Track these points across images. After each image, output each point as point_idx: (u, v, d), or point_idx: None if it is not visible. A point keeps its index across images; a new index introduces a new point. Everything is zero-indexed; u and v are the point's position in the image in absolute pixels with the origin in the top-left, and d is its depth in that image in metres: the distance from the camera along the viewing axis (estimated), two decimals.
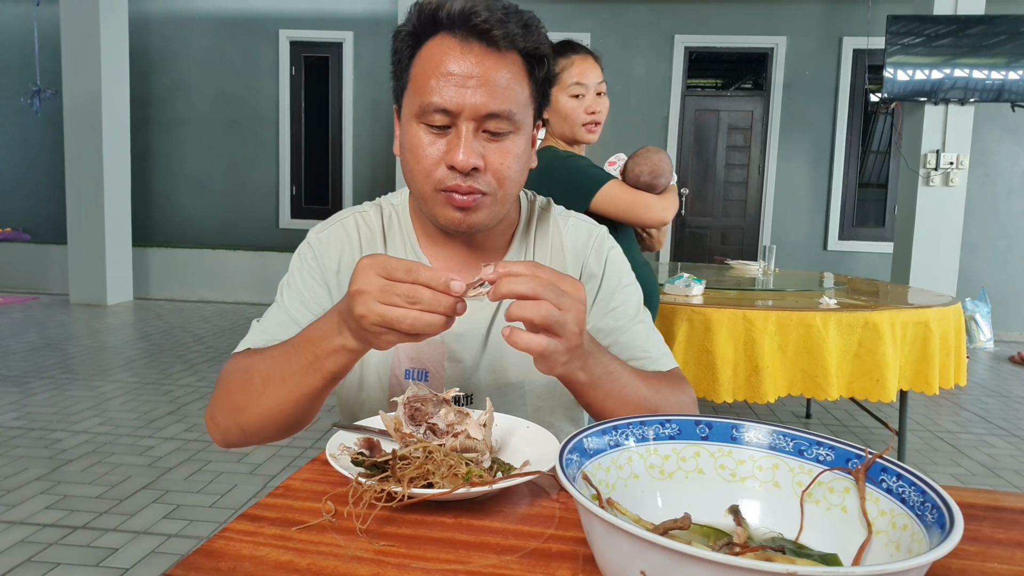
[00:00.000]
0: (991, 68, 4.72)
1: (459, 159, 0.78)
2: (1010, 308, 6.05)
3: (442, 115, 0.79)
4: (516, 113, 0.81)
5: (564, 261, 0.97)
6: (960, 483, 2.82)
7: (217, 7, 6.97)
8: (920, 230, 4.95)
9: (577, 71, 1.76)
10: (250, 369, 0.79)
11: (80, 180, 5.90)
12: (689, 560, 0.37)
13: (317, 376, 0.72)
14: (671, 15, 6.38)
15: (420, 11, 0.81)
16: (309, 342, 0.72)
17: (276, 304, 0.92)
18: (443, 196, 0.82)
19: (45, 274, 6.62)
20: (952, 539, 0.40)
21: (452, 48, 0.79)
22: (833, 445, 0.53)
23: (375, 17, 6.79)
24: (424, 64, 0.80)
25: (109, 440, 2.91)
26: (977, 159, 5.84)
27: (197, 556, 0.53)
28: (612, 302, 0.96)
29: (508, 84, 0.79)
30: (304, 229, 7.14)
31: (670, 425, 0.57)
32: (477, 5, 0.78)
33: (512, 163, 0.82)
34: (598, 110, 1.78)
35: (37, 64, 6.57)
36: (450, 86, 0.78)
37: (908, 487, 0.48)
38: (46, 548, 2.03)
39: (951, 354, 2.47)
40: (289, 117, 7.05)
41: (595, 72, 1.77)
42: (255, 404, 0.77)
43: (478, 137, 0.80)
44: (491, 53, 0.79)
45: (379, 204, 0.98)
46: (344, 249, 0.93)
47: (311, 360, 0.72)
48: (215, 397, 0.83)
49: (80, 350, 4.44)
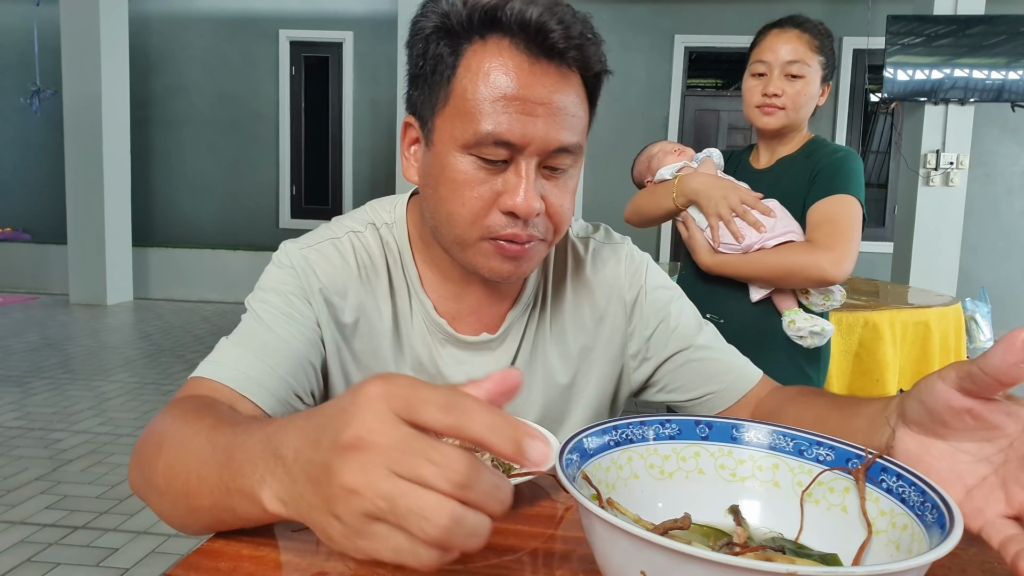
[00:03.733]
0: (991, 68, 4.72)
1: (521, 204, 0.65)
2: (1010, 308, 6.05)
3: (503, 148, 0.64)
4: (582, 144, 0.69)
5: (593, 298, 0.84)
6: None
7: (217, 7, 6.97)
8: (920, 230, 4.95)
9: (765, 47, 1.46)
10: (162, 449, 0.56)
11: (80, 180, 5.90)
12: (689, 560, 0.37)
13: (232, 517, 0.49)
14: (671, 15, 6.38)
15: (469, 6, 0.64)
16: (227, 464, 0.47)
17: (253, 320, 0.73)
18: (491, 245, 0.68)
19: (45, 274, 6.62)
20: (952, 539, 0.40)
21: (517, 63, 0.64)
22: (833, 445, 0.53)
23: (375, 17, 6.79)
24: (476, 79, 0.64)
25: (109, 440, 2.91)
26: (977, 159, 5.84)
27: (197, 556, 0.52)
28: (670, 323, 0.84)
29: (575, 111, 0.67)
30: (304, 229, 7.07)
31: (670, 425, 0.57)
32: (552, 16, 0.63)
33: (570, 203, 0.71)
34: (781, 92, 1.43)
35: (37, 64, 6.57)
36: (515, 113, 0.63)
37: (908, 487, 0.47)
38: (46, 548, 2.03)
39: (951, 354, 2.47)
40: (289, 117, 7.05)
41: (789, 47, 1.42)
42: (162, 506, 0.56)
43: (538, 174, 0.67)
44: (559, 73, 0.65)
45: (372, 223, 0.80)
46: (335, 275, 0.76)
47: (223, 494, 0.47)
48: (136, 449, 0.62)
49: (80, 350, 4.44)
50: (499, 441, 0.35)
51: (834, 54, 1.49)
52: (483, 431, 0.35)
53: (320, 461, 0.37)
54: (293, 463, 0.40)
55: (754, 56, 1.48)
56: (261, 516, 0.45)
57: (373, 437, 0.35)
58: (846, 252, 1.34)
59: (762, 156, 1.56)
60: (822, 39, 1.46)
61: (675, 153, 1.59)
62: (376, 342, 0.78)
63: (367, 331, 0.78)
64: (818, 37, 1.45)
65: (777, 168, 1.51)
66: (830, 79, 1.50)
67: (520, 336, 0.82)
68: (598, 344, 0.84)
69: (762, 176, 1.52)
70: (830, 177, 1.40)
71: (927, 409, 0.48)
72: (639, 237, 6.60)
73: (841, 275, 1.35)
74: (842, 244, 1.34)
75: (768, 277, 1.40)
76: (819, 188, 1.40)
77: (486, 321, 0.81)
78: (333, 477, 0.35)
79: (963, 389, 0.46)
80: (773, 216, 1.40)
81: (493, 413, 0.35)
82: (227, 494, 0.46)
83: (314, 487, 0.37)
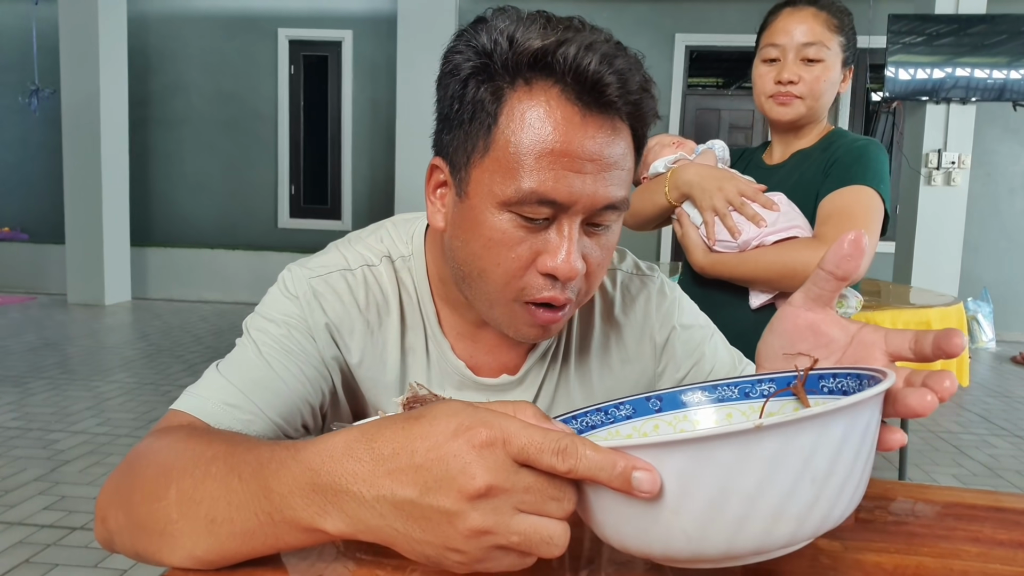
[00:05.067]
0: (992, 67, 4.72)
1: (563, 267, 0.60)
2: (1012, 308, 6.04)
3: (547, 207, 0.59)
4: (628, 199, 0.63)
5: (621, 337, 0.79)
6: (961, 484, 2.81)
7: (216, 6, 6.96)
8: (922, 230, 4.95)
9: (777, 28, 1.29)
10: (170, 477, 0.52)
11: (78, 180, 5.89)
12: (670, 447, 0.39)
13: (271, 543, 0.48)
14: (672, 14, 6.38)
15: (515, 47, 0.58)
16: (265, 494, 0.46)
17: (249, 349, 0.68)
18: (523, 309, 0.63)
19: (43, 274, 6.61)
20: (888, 381, 0.42)
21: (567, 115, 0.58)
22: (773, 377, 0.55)
23: (375, 16, 6.78)
24: (520, 130, 0.58)
25: (107, 440, 2.90)
26: (979, 159, 5.83)
27: None
28: (704, 365, 0.80)
29: (625, 164, 0.61)
30: (303, 229, 7.17)
31: (624, 407, 0.58)
32: (609, 67, 0.57)
33: (609, 258, 0.66)
34: (797, 79, 1.27)
35: (35, 63, 6.56)
36: (562, 170, 0.58)
37: (844, 379, 0.50)
38: (44, 549, 2.02)
39: None
40: (288, 116, 7.04)
41: (804, 28, 1.26)
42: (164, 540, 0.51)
43: (581, 231, 0.62)
44: (611, 125, 0.60)
45: (388, 255, 0.74)
46: (343, 312, 0.71)
47: (264, 522, 0.47)
48: (115, 489, 0.57)
49: (78, 350, 4.43)
50: (609, 478, 0.39)
51: (854, 33, 1.31)
52: (594, 470, 0.39)
53: (440, 507, 0.40)
54: (375, 501, 0.42)
55: (764, 39, 1.31)
56: (311, 541, 0.47)
57: (502, 485, 0.39)
58: None
59: (775, 151, 1.40)
60: (841, 17, 1.28)
61: (673, 145, 1.42)
62: (382, 383, 0.74)
63: (372, 372, 0.74)
64: (837, 15, 1.28)
65: (791, 163, 1.35)
66: (852, 62, 1.32)
67: (542, 377, 0.77)
68: (624, 386, 0.80)
69: (774, 172, 1.36)
70: (846, 167, 1.24)
71: (777, 333, 0.56)
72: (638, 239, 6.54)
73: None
74: None
75: (767, 278, 1.23)
76: (833, 179, 1.24)
77: (504, 361, 0.76)
78: (461, 522, 0.40)
79: (810, 297, 0.54)
80: (776, 210, 1.22)
81: (598, 451, 0.39)
82: (272, 524, 0.46)
83: (425, 526, 0.41)
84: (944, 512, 0.64)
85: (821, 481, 0.41)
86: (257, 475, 0.47)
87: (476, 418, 0.41)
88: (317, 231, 6.99)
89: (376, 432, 0.43)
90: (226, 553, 0.49)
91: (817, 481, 0.41)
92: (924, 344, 0.48)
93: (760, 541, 0.41)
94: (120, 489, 0.56)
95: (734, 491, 0.40)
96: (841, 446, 0.40)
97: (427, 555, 0.42)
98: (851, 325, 0.54)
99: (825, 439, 0.40)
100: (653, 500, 0.40)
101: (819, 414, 0.39)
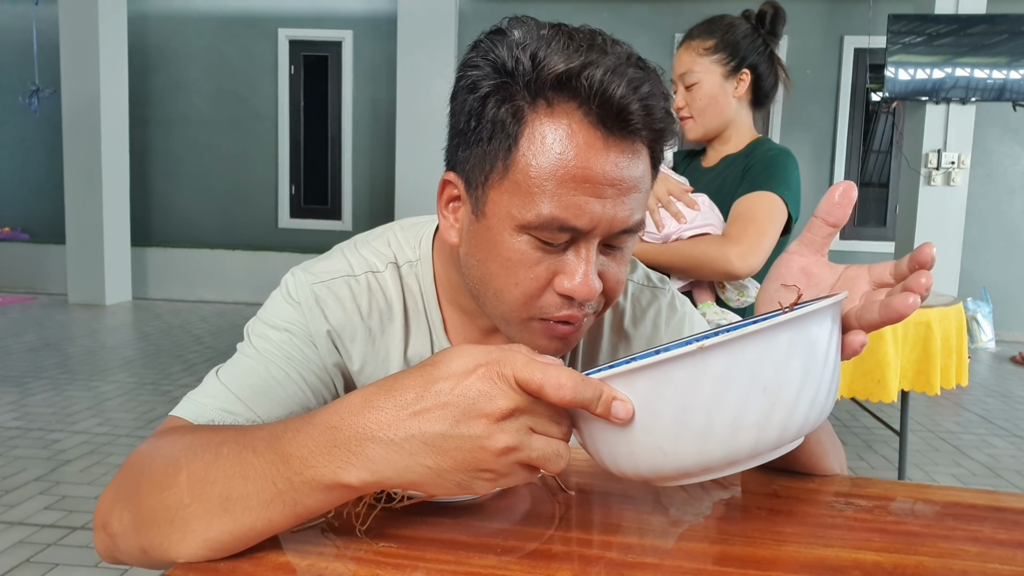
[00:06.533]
0: (992, 67, 4.72)
1: (580, 288, 0.60)
2: (1011, 308, 6.04)
3: (567, 233, 0.59)
4: (644, 220, 0.64)
5: (630, 350, 0.79)
6: (961, 483, 2.81)
7: (216, 6, 6.96)
8: (921, 230, 4.95)
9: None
10: (179, 465, 0.52)
11: (79, 179, 5.89)
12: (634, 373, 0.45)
13: (288, 512, 0.49)
14: (672, 13, 6.38)
15: (538, 67, 0.57)
16: (284, 460, 0.48)
17: (250, 356, 0.68)
18: (541, 325, 0.63)
19: (43, 274, 6.61)
20: (837, 297, 0.48)
21: (589, 140, 0.57)
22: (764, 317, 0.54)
23: (375, 16, 6.78)
24: (541, 153, 0.57)
25: (108, 440, 2.90)
26: (978, 159, 5.83)
27: None
28: None
29: (643, 185, 0.61)
30: (303, 229, 7.17)
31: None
32: (634, 94, 0.57)
33: (625, 274, 0.66)
34: (683, 104, 1.50)
35: (36, 63, 6.56)
36: (583, 195, 0.57)
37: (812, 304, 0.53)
38: (45, 549, 2.02)
39: (952, 354, 2.46)
40: (288, 116, 7.04)
41: (678, 63, 1.52)
42: (175, 527, 0.50)
43: (598, 252, 0.62)
44: (631, 148, 0.59)
45: (394, 262, 0.74)
46: (345, 319, 0.71)
47: (283, 488, 0.49)
48: (116, 491, 0.56)
49: (79, 350, 4.43)
50: (594, 406, 0.46)
51: (740, 40, 1.47)
52: (585, 400, 0.45)
53: (471, 435, 0.45)
54: (404, 441, 0.46)
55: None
56: (331, 502, 0.49)
57: (521, 407, 0.45)
58: (754, 247, 1.34)
59: (709, 155, 1.60)
60: (714, 35, 1.47)
61: None
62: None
63: (373, 379, 0.72)
64: (708, 37, 1.48)
65: (719, 167, 1.54)
66: (741, 67, 1.48)
67: None
68: None
69: (705, 174, 1.57)
70: (757, 174, 1.42)
71: (773, 278, 0.61)
72: None
73: (747, 269, 1.35)
74: (752, 239, 1.34)
75: (681, 267, 1.42)
76: (746, 184, 1.43)
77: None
78: (492, 443, 0.45)
79: (804, 243, 0.61)
80: (697, 209, 1.43)
81: (588, 382, 0.45)
82: (291, 489, 0.48)
83: (457, 456, 0.45)
84: (944, 512, 0.64)
85: (774, 391, 0.45)
86: (272, 446, 0.50)
87: (488, 355, 0.46)
88: (317, 231, 6.99)
89: (392, 384, 0.48)
90: (240, 532, 0.50)
91: (770, 391, 0.45)
92: (901, 264, 0.54)
93: (727, 451, 0.46)
94: (123, 489, 0.56)
95: (693, 406, 0.44)
96: (788, 357, 0.44)
97: (457, 483, 0.46)
98: (838, 266, 0.60)
99: (771, 352, 0.44)
100: (629, 424, 0.46)
101: (761, 329, 0.43)
